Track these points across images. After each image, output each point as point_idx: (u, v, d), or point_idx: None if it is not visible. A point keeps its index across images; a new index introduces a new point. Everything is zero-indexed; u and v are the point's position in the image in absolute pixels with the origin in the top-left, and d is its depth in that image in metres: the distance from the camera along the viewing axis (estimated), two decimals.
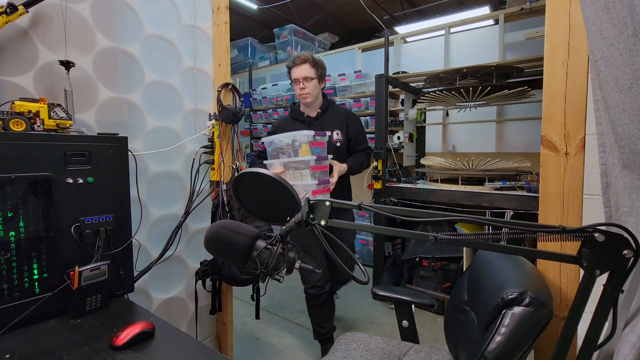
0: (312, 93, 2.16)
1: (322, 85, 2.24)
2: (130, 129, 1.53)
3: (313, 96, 2.18)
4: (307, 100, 2.17)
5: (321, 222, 0.71)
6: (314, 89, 2.16)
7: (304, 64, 2.13)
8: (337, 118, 2.27)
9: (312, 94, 2.17)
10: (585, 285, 0.58)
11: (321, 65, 2.18)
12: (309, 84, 2.13)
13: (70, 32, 1.32)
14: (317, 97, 2.22)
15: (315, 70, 2.14)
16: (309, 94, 2.15)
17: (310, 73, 2.13)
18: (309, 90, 2.14)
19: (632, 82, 0.73)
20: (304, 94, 2.15)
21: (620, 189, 0.81)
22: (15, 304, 1.05)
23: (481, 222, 0.63)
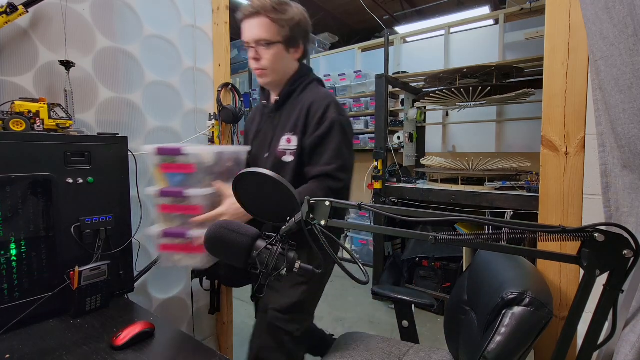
0: (271, 68, 1.29)
1: (295, 53, 1.34)
2: (130, 129, 1.53)
3: (274, 74, 1.32)
4: (264, 80, 1.34)
5: (321, 222, 0.71)
6: (275, 61, 1.28)
7: (257, 16, 1.24)
8: (295, 113, 1.32)
9: (271, 70, 1.30)
10: (585, 285, 0.58)
11: (292, 19, 1.27)
12: (266, 52, 1.26)
13: (70, 32, 1.32)
14: (284, 75, 1.35)
15: (277, 29, 1.25)
16: (266, 70, 1.30)
17: (268, 33, 1.24)
18: (266, 62, 1.27)
19: (632, 82, 0.73)
20: (257, 70, 1.32)
21: (620, 189, 0.81)
22: (15, 304, 1.05)
23: (481, 222, 0.63)
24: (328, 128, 1.23)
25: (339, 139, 1.24)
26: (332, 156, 1.22)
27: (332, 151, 1.22)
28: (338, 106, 1.28)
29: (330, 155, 1.22)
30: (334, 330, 2.66)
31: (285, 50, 1.29)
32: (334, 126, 1.23)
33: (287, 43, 1.29)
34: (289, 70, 1.35)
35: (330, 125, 1.23)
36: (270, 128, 1.40)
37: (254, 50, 1.28)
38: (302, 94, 1.34)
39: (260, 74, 1.32)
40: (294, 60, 1.36)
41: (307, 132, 1.27)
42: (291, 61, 1.35)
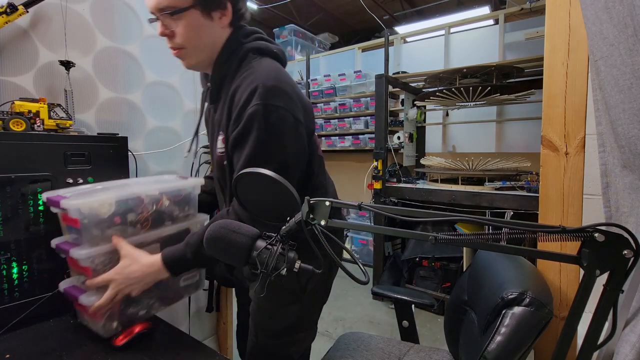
0: (190, 45, 0.98)
1: (222, 17, 0.98)
2: (130, 129, 1.53)
3: (197, 52, 1.01)
4: (186, 62, 1.04)
5: (321, 222, 0.71)
6: (191, 35, 0.97)
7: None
8: (226, 104, 0.99)
9: (192, 48, 0.99)
10: (585, 285, 0.58)
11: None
12: (175, 24, 0.95)
13: (70, 32, 1.32)
14: (212, 50, 1.02)
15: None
16: (184, 49, 1.00)
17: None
18: (180, 39, 0.97)
19: (632, 82, 0.74)
20: (173, 50, 1.02)
21: (620, 189, 0.81)
22: (16, 304, 1.05)
23: (481, 222, 0.63)
24: (245, 127, 0.90)
25: (259, 141, 0.90)
26: (242, 167, 0.89)
27: (244, 159, 0.91)
28: (270, 90, 0.90)
29: (242, 166, 0.91)
30: (334, 331, 2.66)
31: (204, 16, 0.94)
32: (254, 123, 0.89)
33: (205, 5, 0.93)
34: (218, 43, 1.00)
35: (248, 122, 0.90)
36: (210, 123, 1.14)
37: (161, 23, 0.96)
38: (237, 74, 0.99)
39: (178, 54, 1.00)
40: (222, 28, 0.99)
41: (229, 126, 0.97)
42: (218, 30, 0.99)
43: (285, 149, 0.94)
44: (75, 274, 1.04)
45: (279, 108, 0.91)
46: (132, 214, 1.02)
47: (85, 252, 0.93)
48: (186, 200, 1.17)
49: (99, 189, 1.05)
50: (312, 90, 4.67)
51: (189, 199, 1.18)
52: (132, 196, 1.01)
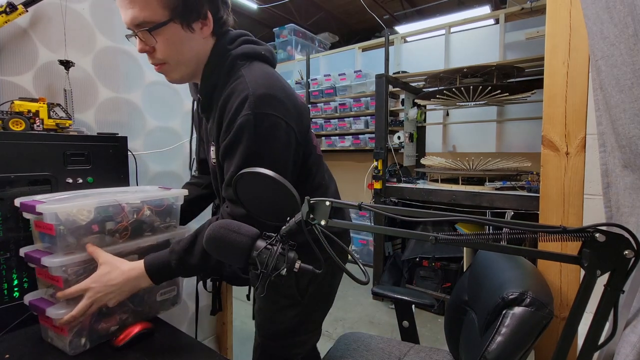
0: (173, 59, 0.94)
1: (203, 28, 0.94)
2: (130, 129, 1.53)
3: (181, 66, 0.97)
4: (171, 77, 1.00)
5: (321, 222, 0.70)
6: (173, 49, 0.92)
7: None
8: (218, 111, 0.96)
9: (175, 62, 0.95)
10: (586, 285, 0.58)
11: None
12: (153, 38, 0.89)
13: (70, 32, 1.32)
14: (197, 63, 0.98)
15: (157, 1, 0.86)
16: (166, 65, 0.96)
17: (146, 9, 0.86)
18: (160, 54, 0.92)
19: (633, 82, 0.73)
20: (155, 66, 0.97)
21: (621, 189, 0.81)
22: (16, 304, 1.05)
23: (481, 222, 0.63)
24: (235, 136, 0.89)
25: (247, 150, 0.88)
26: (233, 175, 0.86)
27: (234, 169, 0.89)
28: (260, 98, 0.88)
29: (232, 174, 0.89)
30: (334, 331, 2.66)
31: (185, 29, 0.90)
32: (244, 132, 0.88)
33: (184, 17, 0.88)
34: (203, 54, 0.97)
35: (238, 131, 0.88)
36: (203, 133, 1.14)
37: (139, 40, 0.90)
38: (225, 84, 0.96)
39: (160, 70, 0.96)
40: (204, 38, 0.95)
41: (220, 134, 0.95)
42: (201, 41, 0.95)
43: (278, 155, 0.93)
44: (43, 285, 0.98)
45: (269, 116, 0.89)
46: (111, 222, 0.98)
47: (58, 261, 0.89)
48: (168, 211, 1.14)
49: (78, 196, 1.00)
50: (312, 90, 4.66)
51: (171, 209, 1.15)
52: (113, 203, 0.98)
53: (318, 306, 1.16)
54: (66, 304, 0.92)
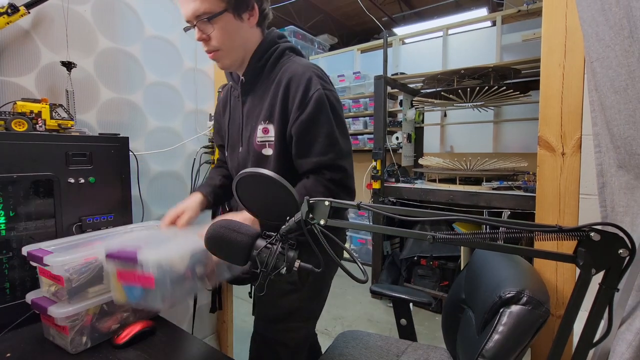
0: (226, 47, 1.06)
1: (250, 18, 1.06)
2: (132, 129, 1.54)
3: (232, 52, 1.08)
4: (223, 63, 1.11)
5: (320, 222, 0.71)
6: (226, 37, 1.04)
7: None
8: (268, 96, 1.08)
9: (227, 49, 1.06)
10: (582, 284, 0.58)
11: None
12: (211, 28, 1.02)
13: (72, 33, 1.33)
14: (245, 50, 1.09)
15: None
16: (220, 52, 1.07)
17: (206, 2, 0.98)
18: (215, 42, 1.04)
19: (628, 84, 0.74)
20: (209, 54, 1.09)
21: (616, 189, 0.82)
22: (17, 303, 1.05)
23: (479, 221, 0.64)
24: (315, 109, 1.00)
25: (330, 120, 1.02)
26: (326, 144, 1.01)
27: (324, 137, 1.01)
28: (322, 77, 1.05)
29: (324, 143, 1.01)
30: (333, 329, 2.67)
31: (236, 18, 1.02)
32: (322, 105, 1.01)
33: (236, 8, 1.01)
34: (250, 42, 1.09)
35: (317, 105, 1.00)
36: (238, 115, 1.18)
37: (198, 29, 1.03)
38: (274, 69, 1.09)
39: (214, 57, 1.08)
40: (251, 28, 1.08)
41: (288, 117, 1.04)
42: (248, 30, 1.07)
43: (345, 124, 1.10)
44: (46, 284, 0.99)
45: (332, 91, 1.07)
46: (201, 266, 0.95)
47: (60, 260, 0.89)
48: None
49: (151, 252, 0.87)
50: None
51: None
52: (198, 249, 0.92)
53: (316, 295, 1.23)
54: (68, 303, 0.92)
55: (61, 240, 1.05)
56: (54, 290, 0.96)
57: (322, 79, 1.04)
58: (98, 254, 0.95)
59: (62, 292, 0.93)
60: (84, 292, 0.96)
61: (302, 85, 1.01)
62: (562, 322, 0.63)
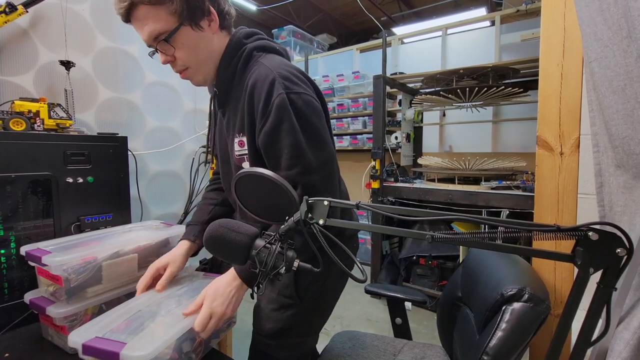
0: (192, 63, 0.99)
1: (210, 23, 0.98)
2: (130, 129, 1.54)
3: (202, 66, 1.01)
4: (196, 80, 1.03)
5: (319, 222, 0.71)
6: (191, 51, 0.97)
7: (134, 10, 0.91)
8: (239, 106, 1.01)
9: (196, 64, 1.00)
10: (579, 283, 0.59)
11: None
12: (171, 47, 0.95)
13: (70, 32, 1.33)
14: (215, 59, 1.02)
15: (165, 10, 0.91)
16: (189, 69, 1.00)
17: (158, 21, 0.92)
18: (181, 60, 0.98)
19: (626, 83, 0.75)
20: (180, 74, 1.02)
21: (614, 188, 0.82)
22: (16, 303, 1.05)
23: (477, 221, 0.64)
24: (276, 117, 0.91)
25: (294, 128, 0.91)
26: (290, 156, 0.91)
27: (288, 149, 0.91)
28: (288, 79, 0.93)
29: (288, 155, 0.91)
30: (332, 329, 2.67)
31: (195, 29, 0.95)
32: (284, 111, 0.91)
33: (191, 19, 0.93)
34: (216, 51, 1.01)
35: (278, 112, 0.90)
36: (220, 128, 1.13)
37: (160, 52, 0.96)
38: (245, 74, 1.00)
39: (185, 76, 1.01)
40: (215, 34, 1.00)
41: (254, 128, 0.96)
42: (212, 37, 0.99)
43: (318, 130, 0.96)
44: (44, 284, 0.98)
45: (301, 94, 0.94)
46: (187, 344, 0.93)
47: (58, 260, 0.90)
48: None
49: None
50: None
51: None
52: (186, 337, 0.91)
53: (317, 310, 1.16)
54: (67, 303, 0.92)
55: (59, 240, 1.04)
56: (52, 290, 0.96)
57: (288, 79, 0.93)
58: (96, 254, 0.96)
59: (60, 292, 0.93)
60: (82, 292, 0.96)
61: (264, 91, 0.91)
62: (560, 321, 0.63)
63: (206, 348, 1.01)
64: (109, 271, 1.01)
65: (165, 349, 0.83)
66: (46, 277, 0.95)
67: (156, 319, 0.91)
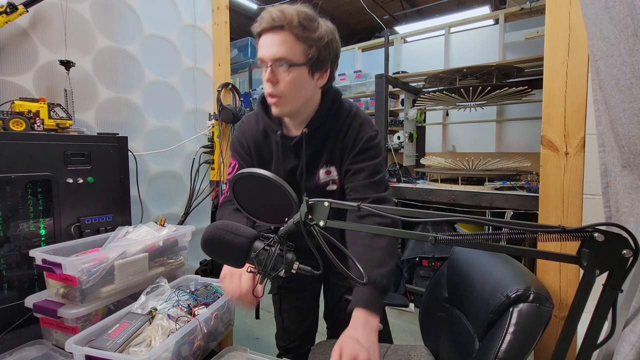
0: (291, 95, 1.05)
1: (320, 79, 1.09)
2: (130, 129, 1.53)
3: (293, 102, 1.07)
4: (280, 109, 1.08)
5: (320, 223, 0.70)
6: (295, 87, 1.04)
7: (279, 31, 1.01)
8: (328, 144, 1.17)
9: (291, 98, 1.06)
10: (585, 285, 0.58)
11: (321, 39, 1.04)
12: (285, 74, 1.02)
13: (70, 32, 1.32)
14: (304, 104, 1.10)
15: (302, 48, 1.01)
16: (283, 98, 1.05)
17: (291, 52, 1.00)
18: (284, 88, 1.03)
19: (632, 82, 0.73)
20: (271, 97, 1.06)
21: (620, 189, 0.81)
22: (16, 303, 1.05)
23: (481, 222, 0.63)
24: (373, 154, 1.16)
25: (382, 160, 1.18)
26: (383, 183, 1.15)
27: (381, 177, 1.15)
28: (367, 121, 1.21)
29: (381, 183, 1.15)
30: None
31: (309, 75, 1.06)
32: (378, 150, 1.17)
33: (313, 67, 1.05)
34: (310, 100, 1.12)
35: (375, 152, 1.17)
36: (293, 159, 1.21)
37: (271, 71, 1.02)
38: (335, 118, 1.18)
39: (276, 102, 1.06)
40: (316, 87, 1.12)
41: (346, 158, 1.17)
42: (313, 88, 1.10)
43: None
44: (54, 286, 0.98)
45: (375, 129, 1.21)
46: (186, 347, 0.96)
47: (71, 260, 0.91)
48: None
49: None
50: None
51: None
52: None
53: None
54: (80, 304, 0.94)
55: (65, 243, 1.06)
56: (62, 292, 0.97)
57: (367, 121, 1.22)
58: (108, 254, 0.98)
59: (73, 293, 0.94)
60: (96, 292, 0.98)
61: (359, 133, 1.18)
62: (566, 323, 0.62)
63: (205, 351, 1.00)
64: (121, 271, 1.03)
65: (163, 352, 0.83)
66: (58, 279, 0.96)
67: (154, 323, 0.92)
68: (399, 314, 3.02)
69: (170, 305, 0.97)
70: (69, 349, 0.80)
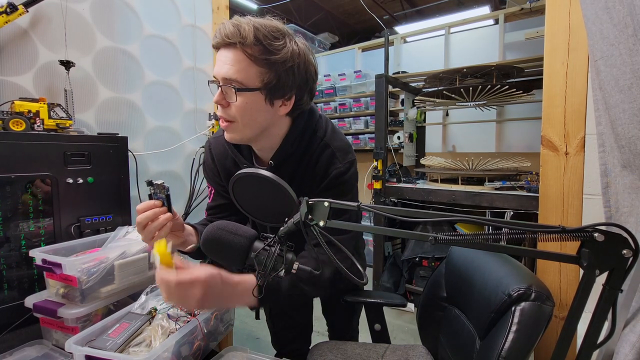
0: (242, 121, 0.93)
1: (282, 107, 0.96)
2: (130, 129, 1.53)
3: (246, 129, 0.95)
4: (230, 135, 0.98)
5: (320, 223, 0.70)
6: (246, 113, 0.92)
7: (231, 48, 0.89)
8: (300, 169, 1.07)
9: (242, 124, 0.94)
10: (585, 285, 0.58)
11: (284, 62, 0.90)
12: (235, 96, 0.89)
13: (70, 32, 1.32)
14: (266, 132, 0.99)
15: (257, 71, 0.89)
16: (233, 123, 0.95)
17: (243, 73, 0.88)
18: (234, 112, 0.92)
19: (632, 82, 0.73)
20: (222, 121, 0.96)
21: (620, 189, 0.81)
22: (16, 303, 1.05)
23: (481, 222, 0.63)
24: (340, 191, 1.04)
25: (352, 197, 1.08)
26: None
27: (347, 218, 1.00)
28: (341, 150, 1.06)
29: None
30: None
31: (266, 101, 0.92)
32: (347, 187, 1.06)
33: (270, 93, 0.91)
34: (272, 128, 0.99)
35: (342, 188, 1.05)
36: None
37: (221, 92, 0.91)
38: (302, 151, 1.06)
39: (227, 127, 0.95)
40: (279, 115, 0.97)
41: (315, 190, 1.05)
42: (274, 116, 0.96)
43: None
44: (55, 286, 0.98)
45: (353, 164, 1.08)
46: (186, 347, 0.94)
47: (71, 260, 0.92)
48: None
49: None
50: None
51: None
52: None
53: None
54: (80, 304, 0.94)
55: (65, 243, 1.06)
56: (62, 292, 0.97)
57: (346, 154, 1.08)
58: (108, 254, 0.98)
59: (73, 293, 0.94)
60: (96, 292, 0.98)
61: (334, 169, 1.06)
62: (566, 323, 0.62)
63: (205, 350, 1.00)
64: (121, 271, 1.03)
65: (163, 352, 0.84)
66: (58, 279, 0.96)
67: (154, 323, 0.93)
68: (399, 314, 3.02)
69: (170, 305, 0.97)
70: (69, 349, 0.80)
